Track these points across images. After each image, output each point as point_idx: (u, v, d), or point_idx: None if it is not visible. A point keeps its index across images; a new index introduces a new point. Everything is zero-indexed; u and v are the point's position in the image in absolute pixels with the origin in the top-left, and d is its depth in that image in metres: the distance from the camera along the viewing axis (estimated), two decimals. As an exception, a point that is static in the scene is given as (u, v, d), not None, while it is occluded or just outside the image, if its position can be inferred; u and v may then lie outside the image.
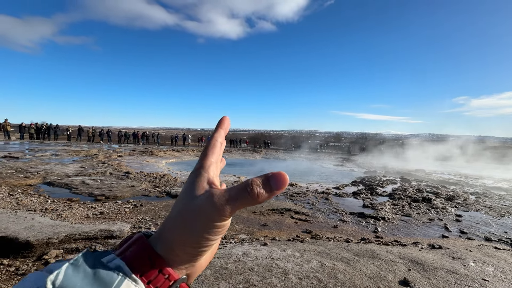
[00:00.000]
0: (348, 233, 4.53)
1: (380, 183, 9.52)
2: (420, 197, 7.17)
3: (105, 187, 6.47)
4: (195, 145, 33.01)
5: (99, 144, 23.17)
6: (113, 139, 29.85)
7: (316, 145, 41.04)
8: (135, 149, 18.95)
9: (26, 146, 16.05)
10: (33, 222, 3.60)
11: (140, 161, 13.19)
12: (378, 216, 5.42)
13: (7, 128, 21.63)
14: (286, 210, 5.48)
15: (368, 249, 3.52)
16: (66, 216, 4.19)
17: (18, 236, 3.06)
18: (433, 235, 4.68)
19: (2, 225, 3.37)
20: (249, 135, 69.73)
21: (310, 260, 3.04)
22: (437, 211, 6.23)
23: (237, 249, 3.26)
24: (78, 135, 26.42)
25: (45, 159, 10.62)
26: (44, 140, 22.96)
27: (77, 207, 4.73)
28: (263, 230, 4.35)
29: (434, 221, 5.50)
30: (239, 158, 21.91)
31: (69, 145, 19.36)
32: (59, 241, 3.13)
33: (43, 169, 8.17)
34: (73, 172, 8.20)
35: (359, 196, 7.33)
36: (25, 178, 6.85)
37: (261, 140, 44.47)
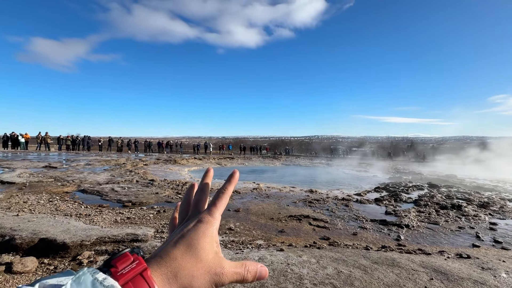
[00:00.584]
0: (368, 240, 4.42)
1: (405, 189, 9.09)
2: (449, 204, 6.76)
3: (132, 194, 6.89)
4: (216, 153, 33.72)
5: (127, 154, 24.52)
6: (140, 148, 31.45)
7: (339, 151, 40.04)
8: (159, 158, 19.82)
9: (63, 157, 17.46)
10: (69, 226, 3.96)
11: (164, 169, 13.77)
12: (401, 224, 5.21)
13: (48, 140, 23.70)
14: (304, 217, 5.46)
15: (388, 257, 3.43)
16: (97, 220, 4.55)
17: (56, 238, 3.39)
18: (462, 244, 4.41)
19: (43, 228, 3.76)
20: (269, 141, 69.83)
21: (326, 266, 3.03)
22: (468, 219, 5.84)
23: (253, 254, 3.34)
24: (108, 145, 28.20)
25: (79, 169, 11.50)
26: (79, 151, 24.79)
27: (107, 213, 5.10)
28: (280, 237, 4.38)
29: (464, 229, 5.17)
30: (259, 165, 22.03)
31: (100, 155, 20.72)
32: (91, 243, 3.42)
33: (78, 178, 8.87)
34: (103, 180, 8.80)
35: (381, 202, 7.07)
36: (62, 186, 7.49)
37: (281, 147, 44.33)
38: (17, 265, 2.85)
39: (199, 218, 0.37)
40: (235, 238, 4.14)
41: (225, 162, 21.24)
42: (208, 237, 0.35)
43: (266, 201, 6.82)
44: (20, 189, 6.81)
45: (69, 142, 25.21)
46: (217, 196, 0.40)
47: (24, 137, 22.73)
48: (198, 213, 0.39)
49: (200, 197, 0.42)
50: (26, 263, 2.90)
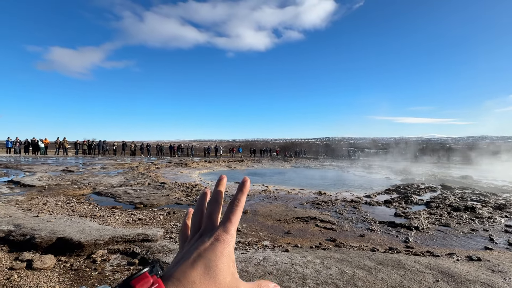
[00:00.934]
0: (375, 242, 4.39)
1: (417, 191, 8.89)
2: (463, 206, 6.58)
3: (143, 196, 7.12)
4: (226, 155, 34.03)
5: (140, 158, 25.18)
6: (152, 152, 32.21)
7: (350, 152, 39.44)
8: (171, 161, 20.24)
9: (80, 161, 18.16)
10: (84, 226, 4.17)
11: (175, 172, 14.07)
12: (410, 226, 5.14)
13: (65, 145, 24.71)
14: (311, 219, 5.48)
15: (394, 258, 3.41)
16: (110, 221, 4.75)
17: (72, 237, 3.59)
18: (474, 247, 4.30)
19: (60, 228, 3.98)
20: (279, 144, 69.69)
21: (329, 266, 3.06)
22: (482, 221, 5.67)
23: (258, 254, 3.41)
24: (122, 149, 29.06)
25: (94, 172, 11.96)
26: (94, 155, 25.68)
27: (119, 214, 5.31)
28: (286, 238, 4.43)
29: (477, 232, 5.03)
30: (268, 167, 22.07)
31: (114, 159, 21.40)
32: (104, 243, 3.60)
33: (93, 181, 9.24)
34: (117, 183, 9.12)
35: (391, 204, 6.97)
36: (79, 189, 7.84)
37: (291, 149, 44.17)
38: (37, 262, 3.05)
39: (216, 236, 0.36)
40: (241, 239, 4.23)
41: (235, 165, 21.41)
42: (226, 257, 0.35)
43: (274, 203, 6.88)
44: (40, 192, 7.19)
45: (85, 147, 26.18)
46: (231, 209, 0.38)
47: (43, 142, 23.81)
48: (213, 227, 0.38)
49: (214, 208, 0.40)
50: (45, 260, 3.11)
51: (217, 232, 0.36)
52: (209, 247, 0.35)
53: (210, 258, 0.34)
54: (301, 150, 42.77)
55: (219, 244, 0.35)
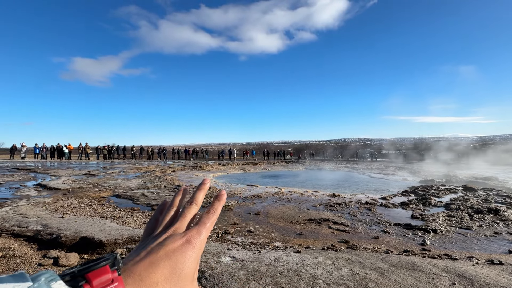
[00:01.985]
0: (389, 244, 4.30)
1: (436, 193, 8.57)
2: (486, 208, 6.28)
3: (160, 198, 7.36)
4: (240, 158, 34.26)
5: (157, 161, 25.92)
6: (168, 156, 33.04)
7: (366, 154, 38.49)
8: (186, 165, 20.70)
9: (101, 165, 18.99)
10: (105, 226, 4.40)
11: (190, 175, 14.39)
12: (428, 228, 4.98)
13: (87, 150, 25.93)
14: (324, 220, 5.45)
15: (409, 260, 3.34)
16: (129, 222, 4.98)
17: (94, 236, 3.81)
18: (497, 251, 4.11)
19: (83, 228, 4.23)
20: (293, 146, 69.22)
21: (341, 267, 3.06)
22: (507, 224, 5.39)
23: (269, 255, 3.46)
24: (140, 154, 30.05)
25: (114, 176, 12.48)
26: (114, 160, 26.73)
27: (137, 215, 5.54)
28: (298, 239, 4.44)
29: (500, 235, 4.79)
30: (282, 169, 22.01)
31: (133, 163, 22.18)
32: (123, 242, 3.79)
33: (113, 184, 9.66)
34: (135, 186, 9.49)
35: (408, 206, 6.77)
36: (100, 192, 8.23)
37: (305, 151, 43.77)
38: (62, 259, 3.28)
39: (188, 237, 0.34)
40: (253, 239, 4.29)
41: (249, 168, 21.54)
42: (193, 263, 0.33)
43: (287, 205, 6.89)
44: (64, 194, 7.62)
45: (105, 152, 27.32)
46: (207, 215, 0.38)
47: (67, 148, 25.12)
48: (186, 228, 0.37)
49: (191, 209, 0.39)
50: (69, 257, 3.32)
51: (190, 233, 0.35)
52: (179, 248, 0.33)
53: (177, 260, 0.32)
54: (316, 152, 42.29)
55: (190, 247, 0.33)
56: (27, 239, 3.98)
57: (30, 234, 4.10)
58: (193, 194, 0.42)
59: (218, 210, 0.40)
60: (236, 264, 3.09)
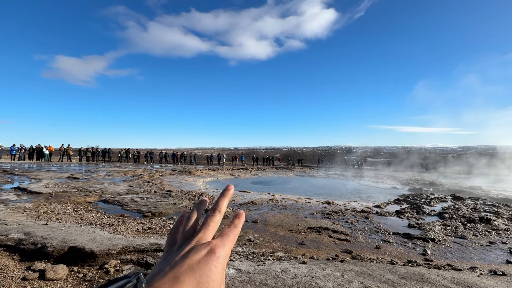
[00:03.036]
0: (392, 254, 4.26)
1: (428, 201, 8.74)
2: (477, 217, 6.43)
3: (151, 204, 7.04)
4: (229, 164, 33.92)
5: (143, 165, 25.14)
6: (155, 159, 32.17)
7: (353, 161, 39.21)
8: (174, 169, 20.18)
9: (84, 168, 18.14)
10: (95, 235, 4.09)
11: (180, 180, 13.99)
12: (426, 237, 5.00)
13: (69, 152, 24.77)
14: (323, 229, 5.36)
15: (416, 272, 3.29)
16: (120, 230, 4.67)
17: (85, 246, 3.51)
18: (495, 260, 4.16)
19: (71, 237, 3.91)
20: (281, 152, 69.52)
21: (351, 280, 2.95)
22: (499, 233, 5.52)
23: (275, 266, 3.31)
24: (126, 157, 29.08)
25: (100, 179, 11.91)
26: (98, 162, 25.69)
27: (128, 223, 5.23)
28: (300, 249, 4.31)
29: (495, 245, 4.88)
30: (272, 176, 21.93)
31: (118, 166, 21.37)
32: (117, 252, 3.51)
33: (99, 188, 9.18)
34: (123, 190, 9.06)
35: (403, 215, 6.83)
36: (85, 196, 7.77)
37: (294, 158, 44.03)
38: (49, 272, 2.97)
39: (212, 248, 0.33)
40: (255, 249, 4.12)
41: (239, 173, 21.30)
42: (219, 274, 0.31)
43: (283, 213, 6.76)
44: (46, 199, 7.13)
45: (89, 154, 26.22)
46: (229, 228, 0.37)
47: (48, 149, 23.88)
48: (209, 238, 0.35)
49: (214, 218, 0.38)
50: (57, 270, 3.02)
51: (214, 243, 0.33)
52: (203, 260, 0.31)
53: (202, 273, 0.30)
54: (304, 159, 42.65)
55: (214, 257, 0.32)
56: (7, 249, 3.62)
57: (10, 243, 3.73)
58: (216, 201, 0.40)
59: (239, 227, 0.38)
60: (242, 277, 2.91)
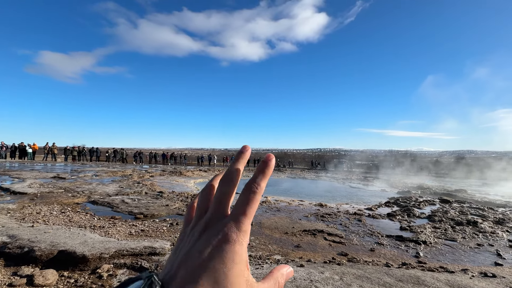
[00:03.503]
0: (387, 257, 4.32)
1: (417, 204, 8.95)
2: (465, 220, 6.63)
3: (142, 206, 6.87)
4: (220, 165, 33.70)
5: (132, 165, 24.60)
6: (144, 160, 31.56)
7: (343, 164, 39.82)
8: (165, 170, 19.84)
9: (70, 168, 17.55)
10: (86, 238, 3.93)
11: (170, 181, 13.76)
12: (418, 240, 5.11)
13: (54, 151, 23.92)
14: (318, 232, 5.38)
15: (412, 274, 3.34)
16: (112, 233, 4.52)
17: (76, 250, 3.37)
18: (484, 262, 4.29)
19: (61, 240, 3.74)
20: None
21: (350, 283, 2.96)
22: (486, 236, 5.71)
23: (274, 270, 3.27)
24: (114, 156, 28.37)
25: (87, 180, 11.54)
26: (85, 162, 24.94)
27: (120, 225, 5.07)
28: (297, 251, 4.30)
29: (483, 247, 5.04)
30: (264, 177, 21.91)
31: (106, 166, 20.81)
32: (110, 256, 3.39)
33: (87, 189, 8.88)
34: (113, 191, 8.80)
35: (394, 218, 6.95)
36: (73, 197, 7.50)
37: (285, 159, 44.26)
38: (38, 277, 2.83)
39: (225, 234, 0.27)
40: (251, 252, 4.08)
41: (230, 175, 21.16)
42: (237, 266, 0.26)
43: (278, 215, 6.75)
44: (31, 200, 6.83)
45: (75, 153, 25.41)
46: (246, 197, 0.29)
47: (32, 148, 22.98)
48: (222, 216, 0.30)
49: (227, 189, 0.31)
50: (46, 275, 2.88)
51: (226, 228, 0.28)
52: (217, 254, 0.26)
53: (218, 269, 0.25)
54: (294, 161, 42.95)
55: (229, 247, 0.27)
56: (-9, 253, 3.42)
57: (-6, 247, 3.53)
58: (229, 167, 0.33)
59: (262, 186, 0.30)
60: (241, 281, 2.86)
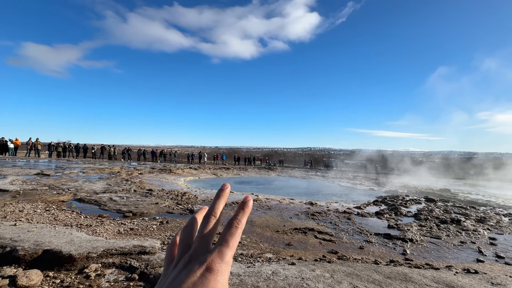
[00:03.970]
0: (375, 254, 4.42)
1: (404, 203, 9.20)
2: (449, 219, 6.87)
3: (131, 204, 6.73)
4: (210, 163, 33.48)
5: (120, 162, 24.06)
6: (133, 157, 30.92)
7: (332, 163, 40.37)
8: (154, 167, 19.51)
9: (55, 164, 16.98)
10: (72, 237, 3.82)
11: (160, 179, 13.55)
12: (405, 238, 5.25)
13: (38, 147, 23.07)
14: (309, 230, 5.43)
15: (400, 271, 3.43)
16: (100, 231, 4.41)
17: (62, 250, 3.26)
18: (467, 259, 4.46)
19: (45, 239, 3.61)
20: (262, 153, 69.79)
21: (340, 281, 3.01)
22: (469, 234, 5.93)
23: (265, 268, 3.29)
24: (101, 153, 27.66)
25: (73, 177, 11.19)
26: (70, 159, 24.20)
27: (108, 223, 4.95)
28: (288, 250, 4.33)
29: (466, 244, 5.24)
30: (255, 176, 21.94)
31: (93, 163, 20.26)
32: (98, 256, 3.30)
33: (73, 186, 8.62)
34: (100, 189, 8.58)
35: (382, 216, 7.12)
36: (58, 195, 7.26)
37: (275, 158, 44.44)
38: (21, 278, 2.72)
39: (208, 265, 0.29)
40: (243, 251, 4.08)
41: (221, 173, 21.08)
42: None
43: (269, 213, 6.77)
44: (13, 197, 6.57)
45: (60, 149, 24.59)
46: (228, 230, 0.32)
47: (14, 143, 22.07)
48: (205, 249, 0.31)
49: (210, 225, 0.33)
50: (31, 276, 2.77)
51: (209, 258, 0.29)
52: (199, 282, 0.27)
53: None
54: (285, 159, 43.20)
55: (212, 276, 0.28)
56: (-30, 253, 3.26)
57: (-27, 246, 3.37)
58: (211, 204, 0.35)
59: (243, 222, 0.33)
60: (233, 280, 2.86)
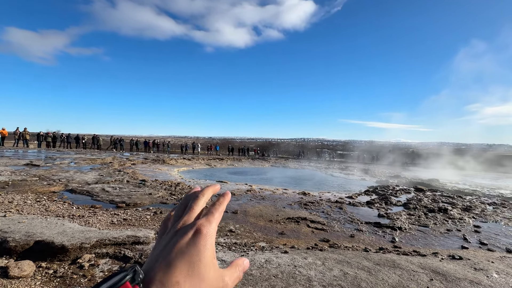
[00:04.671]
0: (365, 242, 4.55)
1: (394, 193, 9.42)
2: (436, 208, 7.09)
3: (124, 194, 6.69)
4: (204, 153, 33.37)
5: (113, 153, 23.74)
6: (125, 147, 30.53)
7: (325, 154, 40.77)
8: (147, 157, 19.35)
9: (45, 154, 16.64)
10: (64, 228, 3.79)
11: (153, 169, 13.47)
12: (394, 226, 5.41)
13: (26, 137, 22.49)
14: (301, 219, 5.53)
15: (388, 258, 3.55)
16: (92, 222, 4.39)
17: (54, 240, 3.24)
18: (452, 246, 4.64)
19: (37, 230, 3.58)
20: (257, 143, 69.85)
21: (331, 268, 3.10)
22: (455, 222, 6.15)
23: (259, 256, 3.35)
24: (92, 143, 27.20)
25: (64, 167, 11.01)
26: (61, 149, 23.73)
27: (101, 214, 4.93)
28: (281, 239, 4.42)
29: (452, 232, 5.43)
30: (248, 166, 22.03)
31: (84, 153, 19.93)
32: (91, 246, 3.30)
33: (64, 177, 8.50)
34: (92, 180, 8.49)
35: (373, 205, 7.29)
36: (49, 186, 7.15)
37: (269, 149, 44.57)
38: (13, 269, 2.70)
39: (197, 228, 0.33)
40: (237, 240, 4.13)
41: (215, 163, 21.07)
42: (208, 251, 0.32)
43: (262, 203, 6.85)
44: (2, 188, 6.44)
45: (49, 139, 24.05)
46: (213, 205, 0.37)
47: (0, 133, 21.46)
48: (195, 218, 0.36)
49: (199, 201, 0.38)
50: (23, 267, 2.76)
51: (199, 222, 0.34)
52: (191, 241, 0.32)
53: (192, 254, 0.31)
54: (279, 150, 43.42)
55: (201, 237, 0.33)
56: (-41, 244, 3.21)
57: (-37, 238, 3.32)
58: (202, 189, 0.41)
59: (224, 204, 0.38)
60: (227, 268, 2.91)
